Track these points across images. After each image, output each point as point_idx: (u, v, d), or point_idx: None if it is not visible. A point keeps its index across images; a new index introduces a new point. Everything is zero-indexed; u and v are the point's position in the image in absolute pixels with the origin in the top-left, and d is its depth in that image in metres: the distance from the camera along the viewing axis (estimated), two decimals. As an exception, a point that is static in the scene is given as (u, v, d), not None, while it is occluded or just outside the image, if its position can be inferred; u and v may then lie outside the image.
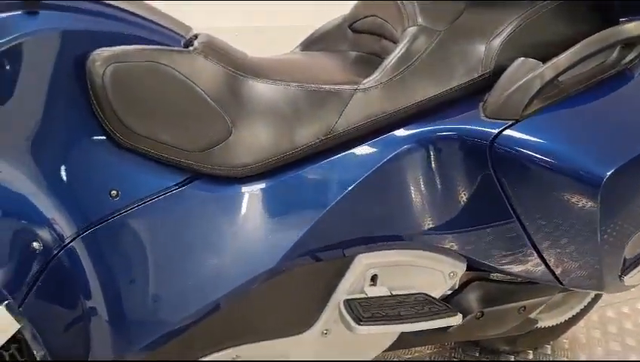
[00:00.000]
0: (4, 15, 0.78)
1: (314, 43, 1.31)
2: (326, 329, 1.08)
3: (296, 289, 1.05)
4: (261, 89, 0.97)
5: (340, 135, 0.98)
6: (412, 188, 0.99)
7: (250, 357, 1.04)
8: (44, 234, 0.79)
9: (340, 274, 1.06)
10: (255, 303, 1.01)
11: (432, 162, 0.98)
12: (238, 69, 0.97)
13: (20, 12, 0.79)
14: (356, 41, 1.24)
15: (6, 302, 0.68)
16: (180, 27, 1.00)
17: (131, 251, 0.89)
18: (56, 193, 0.82)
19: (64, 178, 0.83)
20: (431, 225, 1.01)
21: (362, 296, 1.06)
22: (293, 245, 0.97)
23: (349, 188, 0.97)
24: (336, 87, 0.99)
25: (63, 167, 0.83)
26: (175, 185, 0.92)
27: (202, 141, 0.92)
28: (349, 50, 1.24)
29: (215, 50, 0.96)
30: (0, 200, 0.75)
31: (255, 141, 0.96)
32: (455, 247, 1.05)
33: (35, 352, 0.72)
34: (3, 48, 0.76)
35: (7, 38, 0.76)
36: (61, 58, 0.82)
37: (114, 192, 0.87)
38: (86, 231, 0.84)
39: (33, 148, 0.80)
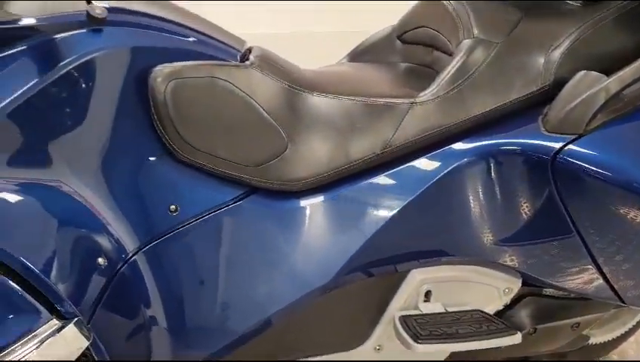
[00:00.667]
0: (70, 33, 0.79)
1: (362, 54, 1.30)
2: (379, 345, 1.07)
3: (349, 304, 1.04)
4: (317, 103, 0.96)
5: (397, 149, 0.97)
6: (470, 202, 0.97)
7: (303, 372, 1.03)
8: (109, 249, 0.79)
9: (393, 289, 1.04)
10: (308, 318, 1.00)
11: (492, 176, 0.96)
12: (293, 82, 0.96)
13: (85, 30, 0.80)
14: (407, 53, 1.22)
15: (76, 319, 0.68)
16: (235, 41, 1.00)
17: (190, 265, 0.89)
18: (119, 208, 0.82)
19: (126, 193, 0.84)
20: (489, 240, 1.00)
21: (417, 312, 1.04)
22: (348, 260, 0.96)
23: (406, 203, 0.96)
24: (392, 100, 0.98)
25: (125, 183, 0.84)
26: (232, 199, 0.92)
27: (259, 156, 0.92)
28: (399, 61, 1.23)
29: (270, 64, 0.96)
30: (67, 218, 0.76)
31: (311, 155, 0.95)
32: (512, 263, 1.03)
33: (100, 362, 0.73)
34: (71, 66, 0.76)
35: (74, 56, 0.77)
36: (124, 74, 0.83)
37: (173, 207, 0.88)
38: (147, 246, 0.85)
39: (97, 164, 0.80)
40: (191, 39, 0.91)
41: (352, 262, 0.97)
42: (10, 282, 0.64)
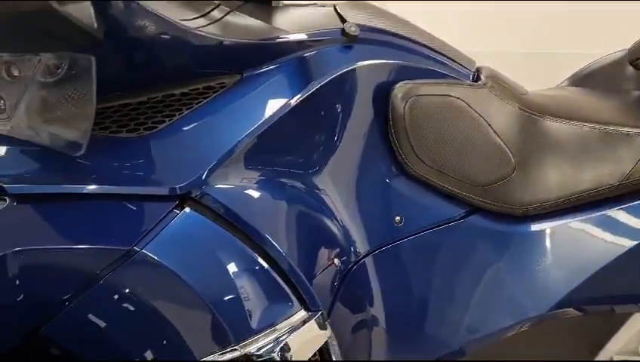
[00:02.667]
0: (324, 48, 0.85)
1: (586, 78, 1.24)
2: (589, 385, 1.01)
3: (559, 337, 0.99)
4: (549, 127, 0.94)
5: (636, 182, 0.91)
6: None
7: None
8: (343, 251, 0.84)
9: (610, 330, 0.98)
10: (519, 343, 0.98)
11: None
12: (524, 105, 0.95)
13: (338, 45, 0.86)
14: (641, 80, 1.14)
15: (320, 311, 0.73)
16: (466, 61, 1.01)
17: (409, 275, 0.92)
18: (354, 214, 0.87)
19: (360, 201, 0.88)
20: None
21: (636, 358, 0.97)
22: (567, 294, 0.93)
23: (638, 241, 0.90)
24: (633, 130, 0.92)
25: (359, 191, 0.88)
26: (454, 217, 0.93)
27: (486, 176, 0.92)
28: (632, 89, 1.15)
29: (502, 86, 0.95)
30: (317, 218, 0.82)
31: (538, 181, 0.93)
32: None
33: (333, 358, 0.77)
34: (326, 80, 0.82)
35: (329, 71, 0.82)
36: (369, 90, 0.87)
37: (398, 218, 0.91)
38: (373, 252, 0.88)
39: (341, 172, 0.86)
40: (430, 58, 0.94)
41: (571, 296, 0.93)
42: (272, 272, 0.71)
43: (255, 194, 0.75)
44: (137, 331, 0.66)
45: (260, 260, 0.71)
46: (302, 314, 0.72)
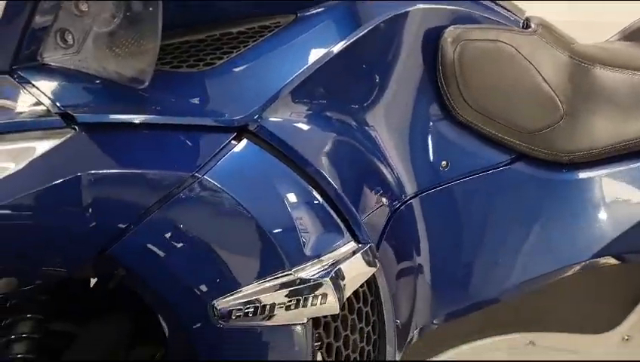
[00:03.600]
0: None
1: (636, 33, 1.22)
2: (628, 336, 1.02)
3: (601, 286, 1.01)
4: (601, 76, 0.94)
5: (684, 132, 0.91)
6: None
7: (544, 346, 1.02)
8: (390, 191, 0.86)
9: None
10: (557, 293, 0.99)
11: None
12: (574, 54, 0.95)
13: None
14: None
15: (369, 245, 0.76)
16: (516, 9, 1.01)
17: (454, 218, 0.93)
18: (400, 156, 0.89)
19: (408, 143, 0.90)
20: None
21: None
22: (608, 242, 0.94)
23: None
24: (684, 79, 0.92)
25: (408, 134, 0.90)
26: (500, 163, 0.94)
27: (533, 123, 0.93)
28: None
29: (552, 34, 0.95)
30: (368, 156, 0.84)
31: (586, 129, 0.93)
32: None
33: (382, 293, 0.80)
34: (380, 21, 0.83)
35: (384, 13, 0.84)
36: (420, 33, 0.88)
37: (444, 163, 0.92)
38: (420, 194, 0.90)
39: (391, 114, 0.87)
40: (480, 5, 0.94)
41: (613, 244, 0.94)
42: (324, 203, 0.73)
43: (308, 128, 0.78)
44: (196, 255, 0.70)
45: (313, 191, 0.73)
46: (352, 245, 0.75)
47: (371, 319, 0.82)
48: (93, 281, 0.94)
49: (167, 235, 0.69)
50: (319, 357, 0.77)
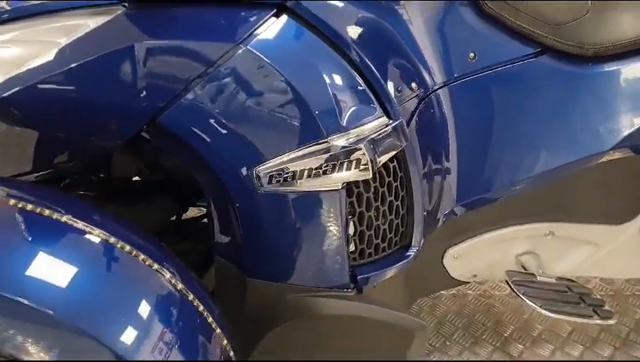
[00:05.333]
0: None
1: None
2: (646, 227, 1.06)
3: (620, 177, 1.04)
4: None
5: None
6: None
7: (563, 236, 1.07)
8: (420, 78, 0.90)
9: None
10: (577, 184, 1.03)
11: None
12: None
13: None
14: None
15: (400, 121, 0.81)
16: None
17: (480, 108, 0.97)
18: (430, 47, 0.93)
19: (437, 35, 0.93)
20: None
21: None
22: (628, 134, 0.97)
23: None
24: None
25: (436, 25, 0.94)
26: (526, 55, 0.97)
27: (559, 16, 0.95)
28: None
29: None
30: (400, 42, 0.88)
31: (612, 22, 0.95)
32: None
33: (410, 171, 0.85)
34: None
35: None
36: None
37: (472, 55, 0.95)
38: (448, 84, 0.94)
39: (420, 5, 0.90)
40: None
41: (632, 136, 0.97)
42: (359, 79, 0.78)
43: (344, 8, 0.82)
44: (239, 122, 0.75)
45: (349, 67, 0.78)
46: (384, 120, 0.80)
47: (400, 194, 0.87)
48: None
49: (213, 102, 0.74)
50: (351, 226, 0.83)
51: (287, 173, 0.76)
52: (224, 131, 0.75)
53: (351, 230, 0.83)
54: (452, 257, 1.06)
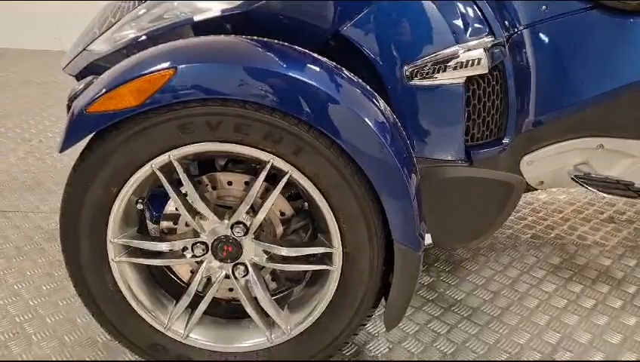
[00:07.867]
0: None
1: None
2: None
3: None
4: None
5: None
6: None
7: (611, 149, 1.41)
8: (510, 20, 1.27)
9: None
10: (624, 105, 1.37)
11: None
12: None
13: None
14: None
15: (503, 39, 1.17)
16: None
17: (551, 45, 1.33)
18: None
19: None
20: None
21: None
22: None
23: None
24: None
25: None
26: (582, 8, 1.33)
27: (606, -23, 1.31)
28: None
29: None
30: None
31: (647, -17, 1.31)
32: None
33: (507, 79, 1.21)
34: None
35: None
36: None
37: (544, 7, 1.32)
38: (529, 26, 1.30)
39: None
40: None
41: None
42: (477, 9, 1.15)
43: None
44: (406, 34, 1.12)
45: (472, 1, 1.15)
46: (492, 37, 1.16)
47: (500, 96, 1.23)
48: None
49: (389, 18, 1.11)
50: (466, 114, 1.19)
51: (428, 69, 1.12)
52: (392, 40, 1.12)
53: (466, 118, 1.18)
54: (526, 163, 1.40)
